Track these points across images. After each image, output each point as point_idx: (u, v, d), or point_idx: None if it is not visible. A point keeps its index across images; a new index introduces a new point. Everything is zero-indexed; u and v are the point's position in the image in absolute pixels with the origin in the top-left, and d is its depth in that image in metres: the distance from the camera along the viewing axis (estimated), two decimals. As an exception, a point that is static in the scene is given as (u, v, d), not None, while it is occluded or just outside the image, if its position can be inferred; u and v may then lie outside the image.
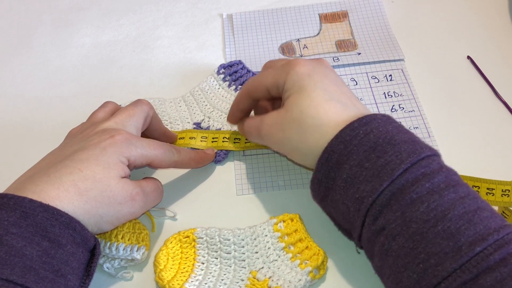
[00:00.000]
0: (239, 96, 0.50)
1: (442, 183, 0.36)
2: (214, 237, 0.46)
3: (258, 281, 0.44)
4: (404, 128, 0.41)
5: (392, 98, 0.59)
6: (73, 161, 0.41)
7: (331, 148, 0.40)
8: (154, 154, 0.45)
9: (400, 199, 0.36)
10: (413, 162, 0.37)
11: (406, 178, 0.37)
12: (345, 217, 0.41)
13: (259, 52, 0.65)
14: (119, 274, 0.45)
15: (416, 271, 0.35)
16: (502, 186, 0.45)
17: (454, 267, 0.33)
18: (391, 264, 0.37)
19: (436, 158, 0.39)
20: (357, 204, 0.38)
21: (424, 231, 0.35)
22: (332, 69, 0.47)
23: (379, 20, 0.68)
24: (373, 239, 0.38)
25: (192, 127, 0.56)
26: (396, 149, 0.38)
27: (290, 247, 0.45)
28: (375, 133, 0.39)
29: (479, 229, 0.34)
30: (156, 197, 0.46)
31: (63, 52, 0.67)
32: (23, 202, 0.37)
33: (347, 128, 0.40)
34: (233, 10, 0.71)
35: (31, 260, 0.35)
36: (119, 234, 0.45)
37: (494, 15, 0.67)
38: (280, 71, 0.45)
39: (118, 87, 0.62)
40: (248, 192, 0.51)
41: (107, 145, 0.42)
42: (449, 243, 0.34)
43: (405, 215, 0.36)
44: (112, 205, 0.41)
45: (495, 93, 0.58)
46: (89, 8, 0.73)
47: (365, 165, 0.38)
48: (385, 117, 0.41)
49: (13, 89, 0.63)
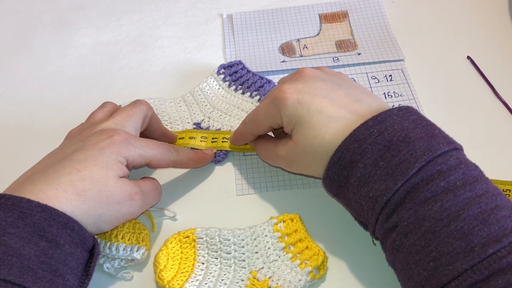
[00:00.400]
0: (244, 133, 0.50)
1: (459, 181, 0.36)
2: (214, 237, 0.46)
3: (258, 281, 0.44)
4: (424, 120, 0.40)
5: (392, 98, 0.59)
6: (71, 161, 0.41)
7: (345, 147, 0.39)
8: (152, 154, 0.45)
9: (414, 198, 0.36)
10: (428, 160, 0.37)
11: (421, 177, 0.36)
12: (359, 214, 0.41)
13: (259, 52, 0.65)
14: (119, 274, 0.45)
15: (426, 268, 0.35)
16: (503, 186, 0.45)
17: (465, 268, 0.33)
18: (402, 260, 0.37)
19: (455, 152, 0.38)
20: (371, 203, 0.38)
21: (436, 230, 0.35)
22: (316, 72, 0.46)
23: (379, 20, 0.68)
24: (386, 235, 0.38)
25: (192, 127, 0.56)
26: (411, 147, 0.37)
27: (290, 247, 0.45)
28: (389, 131, 0.38)
29: (493, 230, 0.33)
30: (154, 196, 0.46)
31: (63, 52, 0.67)
32: (21, 202, 0.37)
33: (362, 127, 0.39)
34: (233, 10, 0.71)
35: (29, 260, 0.35)
36: (119, 234, 0.45)
37: (494, 15, 0.67)
38: (272, 108, 0.44)
39: (118, 87, 0.62)
40: (248, 192, 0.51)
41: (105, 146, 0.42)
42: (461, 243, 0.34)
43: (418, 214, 0.36)
44: (110, 205, 0.41)
45: (495, 93, 0.58)
46: (89, 8, 0.73)
47: (380, 164, 0.38)
48: (402, 112, 0.40)
49: (13, 89, 0.63)
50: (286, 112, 0.43)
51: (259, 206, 0.50)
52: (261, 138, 0.50)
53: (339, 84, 0.44)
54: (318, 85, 0.43)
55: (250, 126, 0.48)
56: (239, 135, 0.51)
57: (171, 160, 0.47)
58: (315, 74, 0.45)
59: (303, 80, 0.44)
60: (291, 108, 0.42)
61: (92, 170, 0.40)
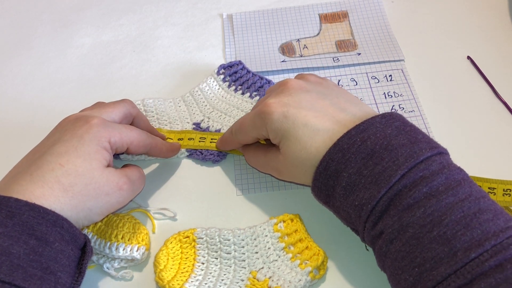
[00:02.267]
0: (230, 142, 0.51)
1: (442, 186, 0.36)
2: (214, 237, 0.46)
3: (258, 281, 0.44)
4: (407, 126, 0.41)
5: (392, 98, 0.59)
6: (52, 155, 0.41)
7: (329, 157, 0.40)
8: (131, 135, 0.45)
9: (397, 205, 0.37)
10: (410, 167, 0.37)
11: (404, 184, 0.37)
12: (348, 221, 0.42)
13: (259, 52, 0.65)
14: (119, 274, 0.45)
15: (412, 274, 0.35)
16: (503, 186, 0.45)
17: (448, 272, 0.33)
18: (390, 266, 0.37)
19: (438, 157, 0.38)
20: (357, 211, 0.39)
21: (420, 236, 0.35)
22: (301, 83, 0.46)
23: (379, 20, 0.68)
24: (374, 242, 0.39)
25: (191, 127, 0.56)
26: (393, 154, 0.38)
27: (290, 247, 0.45)
28: (372, 140, 0.39)
29: (476, 234, 0.34)
30: (141, 184, 0.47)
31: (63, 52, 0.67)
32: (8, 202, 0.37)
33: (345, 136, 0.40)
34: (233, 10, 0.71)
35: (18, 258, 0.35)
36: (119, 234, 0.45)
37: (494, 15, 0.67)
38: (258, 122, 0.45)
39: (118, 87, 0.62)
40: (248, 192, 0.51)
41: (83, 132, 0.42)
42: (445, 248, 0.34)
43: (402, 220, 0.36)
44: (99, 197, 0.41)
45: (495, 93, 0.58)
46: (89, 8, 0.73)
47: (363, 172, 0.38)
48: (385, 119, 0.41)
49: (13, 89, 0.63)
50: (272, 127, 0.43)
51: (259, 206, 0.50)
52: (251, 146, 0.50)
53: (323, 93, 0.45)
54: (303, 97, 0.44)
55: (236, 136, 0.49)
56: (225, 142, 0.52)
57: (148, 142, 0.47)
58: (300, 85, 0.45)
59: (288, 92, 0.44)
60: (277, 122, 0.43)
61: (75, 163, 0.40)
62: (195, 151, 0.54)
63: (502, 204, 0.45)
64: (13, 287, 0.34)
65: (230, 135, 0.50)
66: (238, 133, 0.49)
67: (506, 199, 0.45)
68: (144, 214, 0.50)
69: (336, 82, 0.61)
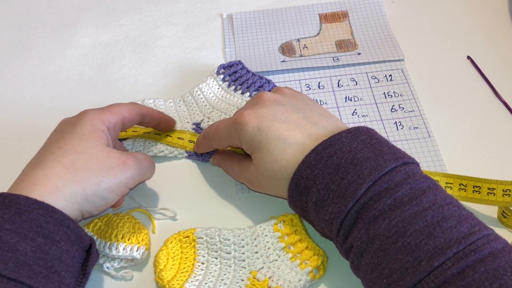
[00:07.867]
0: (204, 146, 0.51)
1: (406, 196, 0.37)
2: (214, 237, 0.46)
3: (258, 281, 0.44)
4: (373, 139, 0.41)
5: (392, 98, 0.59)
6: (50, 143, 0.43)
7: (299, 174, 0.41)
8: (121, 108, 0.47)
9: (364, 217, 0.37)
10: (375, 179, 0.38)
11: (370, 196, 0.37)
12: (324, 235, 0.43)
13: (259, 52, 0.65)
14: (119, 274, 0.45)
15: (382, 285, 0.36)
16: (503, 186, 0.45)
17: (413, 282, 0.34)
18: (363, 278, 0.38)
19: (403, 168, 0.39)
20: (328, 225, 0.40)
21: (386, 248, 0.36)
22: (276, 97, 0.46)
23: (379, 20, 0.68)
24: (347, 255, 0.40)
25: (191, 127, 0.56)
26: (358, 168, 0.38)
27: (290, 247, 0.45)
28: (338, 154, 0.40)
29: (438, 243, 0.34)
30: (148, 165, 0.46)
31: (63, 52, 0.67)
32: (18, 199, 0.37)
33: (312, 152, 0.41)
34: (233, 10, 0.71)
35: (25, 255, 0.35)
36: (119, 234, 0.45)
37: (494, 15, 0.67)
38: (232, 131, 0.45)
39: (118, 87, 0.62)
40: (248, 192, 0.51)
41: (75, 120, 0.44)
42: (409, 258, 0.34)
43: (369, 233, 0.37)
44: (104, 171, 0.41)
45: (495, 93, 0.58)
46: (89, 8, 0.73)
47: (331, 187, 0.39)
48: (351, 133, 0.41)
49: (13, 89, 0.63)
50: (246, 138, 0.44)
51: (259, 206, 0.50)
52: (227, 155, 0.51)
53: (297, 107, 0.45)
54: (277, 110, 0.44)
55: (210, 142, 0.50)
56: (200, 146, 0.52)
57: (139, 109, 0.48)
58: (275, 98, 0.46)
59: (263, 104, 0.45)
60: (250, 134, 0.44)
61: (72, 143, 0.42)
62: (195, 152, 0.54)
63: (502, 204, 0.45)
64: (18, 284, 0.34)
65: (203, 140, 0.51)
66: (211, 139, 0.49)
67: (506, 200, 0.45)
68: (144, 214, 0.50)
69: (336, 82, 0.61)
